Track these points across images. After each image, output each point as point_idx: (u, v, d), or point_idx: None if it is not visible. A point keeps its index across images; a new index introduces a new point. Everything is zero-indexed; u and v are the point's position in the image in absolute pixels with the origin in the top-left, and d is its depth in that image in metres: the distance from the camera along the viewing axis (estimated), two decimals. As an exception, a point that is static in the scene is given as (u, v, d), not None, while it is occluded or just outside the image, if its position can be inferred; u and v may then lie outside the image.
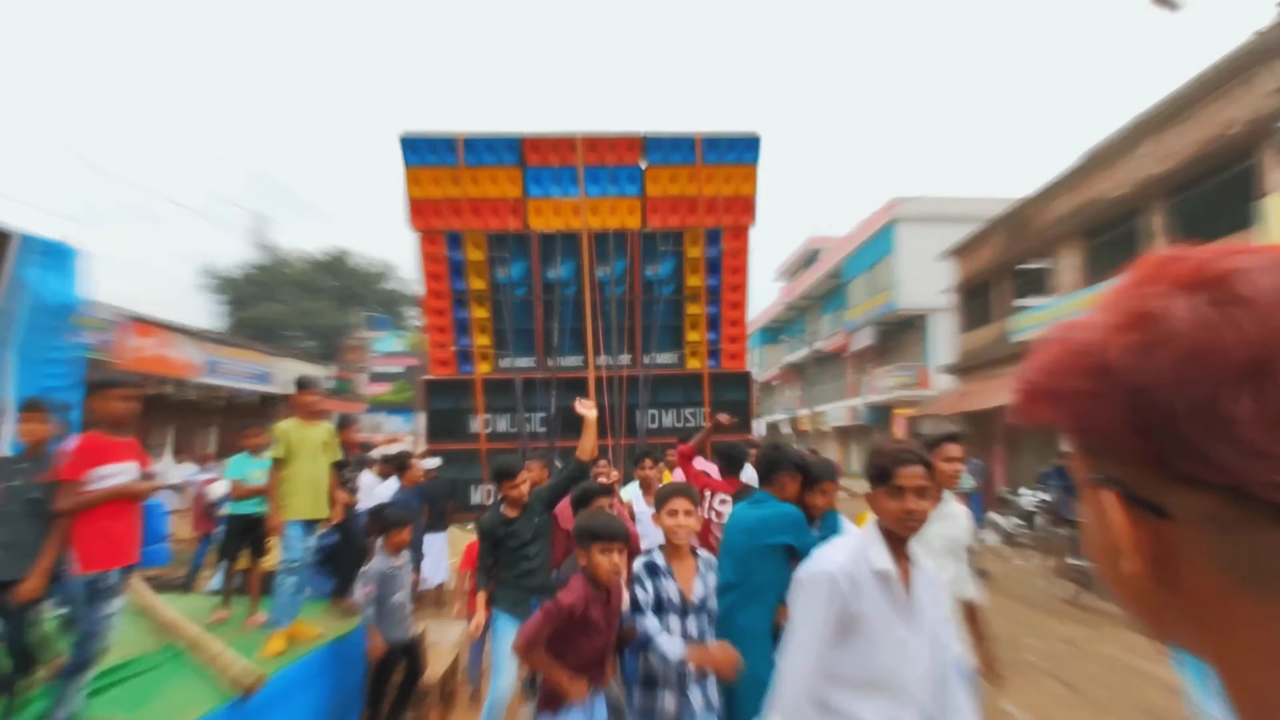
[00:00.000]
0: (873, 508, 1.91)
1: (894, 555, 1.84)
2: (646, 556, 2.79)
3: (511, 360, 8.44)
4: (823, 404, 31.89)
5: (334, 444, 4.67)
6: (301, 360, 21.37)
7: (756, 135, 8.47)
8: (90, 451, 3.26)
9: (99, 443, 3.29)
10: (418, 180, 8.13)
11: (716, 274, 8.62)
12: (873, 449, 1.95)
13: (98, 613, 3.17)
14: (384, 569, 4.24)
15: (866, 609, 1.78)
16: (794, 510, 2.80)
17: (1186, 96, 11.54)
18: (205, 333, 16.37)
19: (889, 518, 1.83)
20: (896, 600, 1.82)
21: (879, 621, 1.78)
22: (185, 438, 15.13)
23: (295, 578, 4.22)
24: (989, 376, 17.33)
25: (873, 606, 1.79)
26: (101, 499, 3.24)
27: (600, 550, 2.65)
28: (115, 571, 3.25)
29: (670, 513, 2.77)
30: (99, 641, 3.17)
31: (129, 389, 3.42)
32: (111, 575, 3.22)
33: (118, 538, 3.30)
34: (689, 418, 8.58)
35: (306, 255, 43.54)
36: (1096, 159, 13.98)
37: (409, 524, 4.32)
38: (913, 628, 1.82)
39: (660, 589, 2.70)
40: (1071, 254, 15.09)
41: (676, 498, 2.76)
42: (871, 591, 1.80)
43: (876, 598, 1.80)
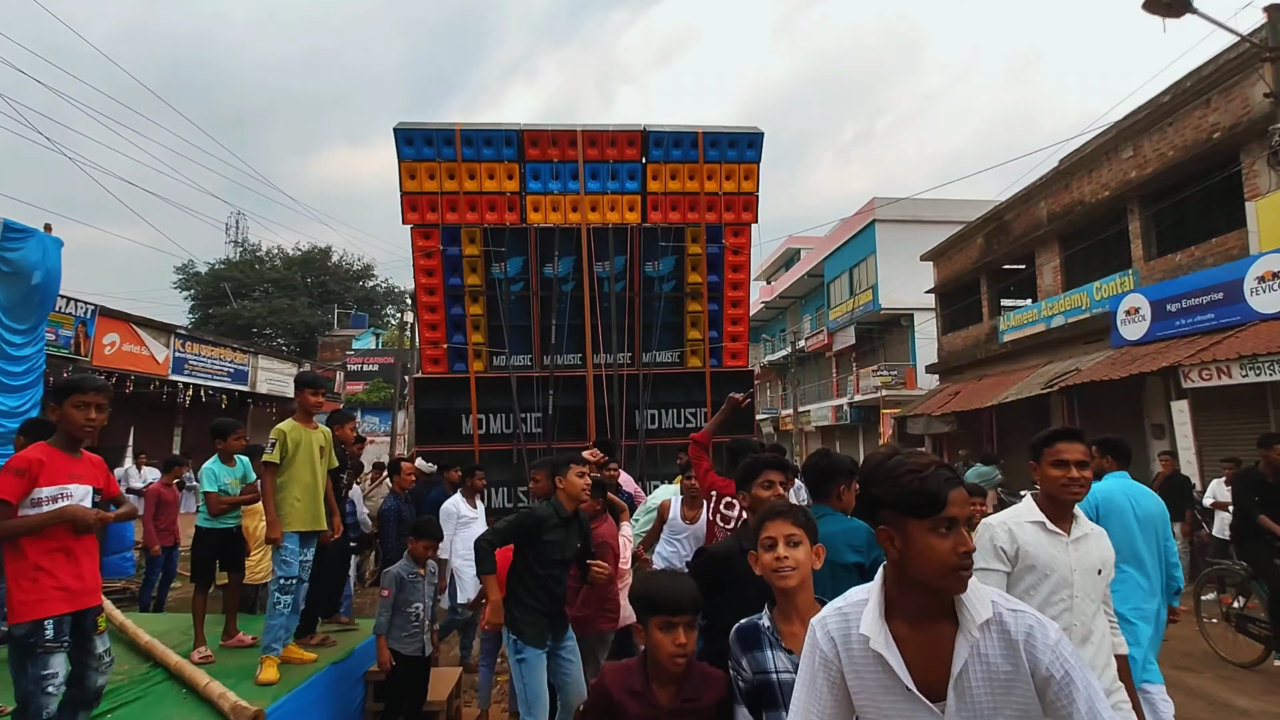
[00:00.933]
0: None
1: None
2: (747, 620, 2.00)
3: (507, 358, 8.15)
4: (806, 404, 31.94)
5: (330, 449, 4.34)
6: (275, 358, 20.75)
7: (759, 132, 8.30)
8: (31, 466, 2.67)
9: (45, 457, 2.73)
10: (413, 173, 7.82)
11: (718, 271, 8.43)
12: None
13: (29, 673, 2.57)
14: (404, 573, 4.00)
15: None
16: (862, 524, 2.55)
17: (1168, 103, 11.65)
18: (172, 327, 15.73)
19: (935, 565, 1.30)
20: None
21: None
22: (148, 439, 14.52)
23: (291, 596, 3.89)
24: (977, 376, 17.40)
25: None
26: (29, 528, 2.62)
27: (661, 626, 1.94)
28: (52, 621, 2.62)
29: (768, 544, 1.96)
30: (38, 711, 2.59)
31: (92, 394, 2.81)
32: (46, 626, 2.60)
33: (61, 578, 2.67)
34: (690, 418, 8.37)
35: (284, 253, 42.64)
36: (1077, 164, 14.08)
37: (438, 539, 4.16)
38: None
39: (765, 665, 1.89)
40: (1051, 257, 15.20)
41: (777, 521, 1.99)
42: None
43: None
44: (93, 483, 2.89)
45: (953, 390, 17.76)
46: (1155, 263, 12.15)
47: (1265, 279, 9.42)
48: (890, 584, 1.38)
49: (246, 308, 37.90)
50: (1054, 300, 14.72)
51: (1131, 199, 12.47)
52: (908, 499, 1.30)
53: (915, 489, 1.30)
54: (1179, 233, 11.90)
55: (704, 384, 8.37)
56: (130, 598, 7.86)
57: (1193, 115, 11.16)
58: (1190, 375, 9.71)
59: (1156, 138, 11.90)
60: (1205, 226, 11.24)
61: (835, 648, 1.38)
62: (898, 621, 1.34)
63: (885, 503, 1.35)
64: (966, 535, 1.28)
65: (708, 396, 8.34)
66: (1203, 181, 11.03)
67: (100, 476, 2.96)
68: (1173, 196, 11.78)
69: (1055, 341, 14.49)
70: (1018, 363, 15.78)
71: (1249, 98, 10.16)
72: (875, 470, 1.39)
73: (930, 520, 1.28)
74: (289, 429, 4.07)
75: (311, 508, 4.08)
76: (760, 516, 2.07)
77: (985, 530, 2.38)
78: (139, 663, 4.08)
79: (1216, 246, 10.77)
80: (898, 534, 1.33)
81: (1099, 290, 13.27)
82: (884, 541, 1.35)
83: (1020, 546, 2.33)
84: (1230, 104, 10.52)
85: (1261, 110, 9.82)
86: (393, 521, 5.63)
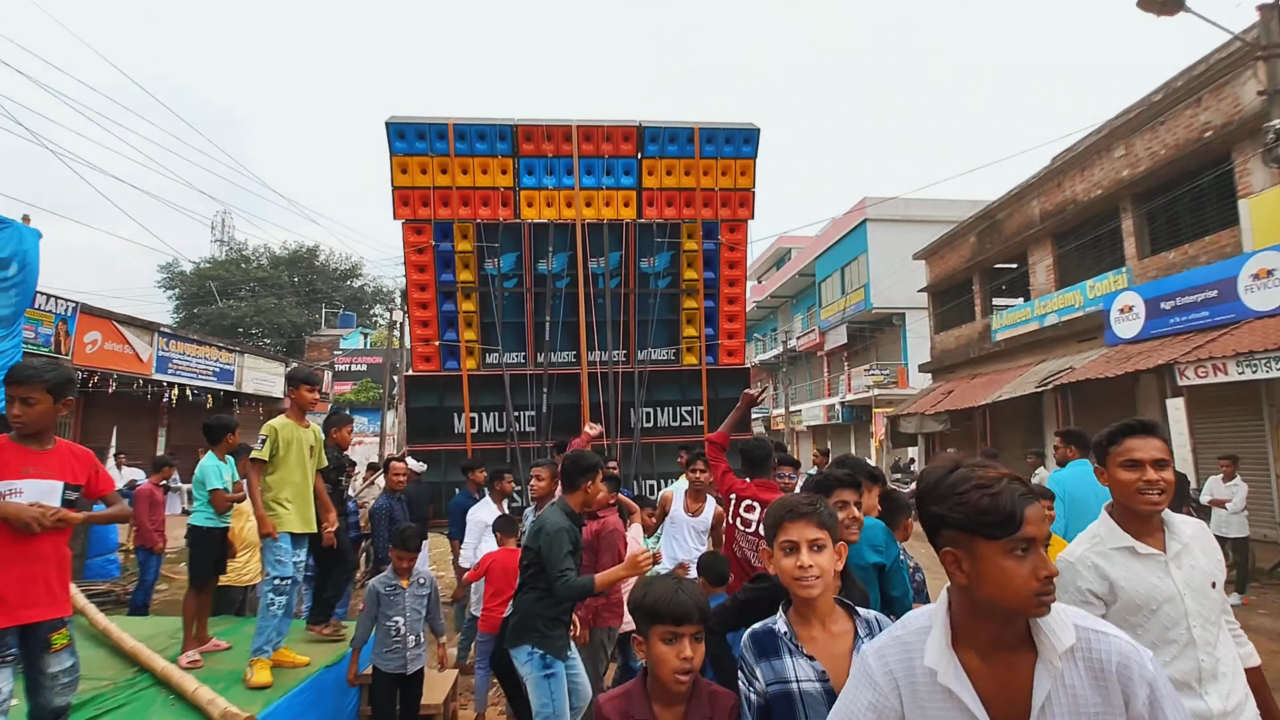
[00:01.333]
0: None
1: None
2: (761, 625, 1.81)
3: (500, 356, 8.02)
4: (797, 403, 31.94)
5: (320, 449, 4.21)
6: (262, 357, 20.49)
7: (756, 128, 8.23)
8: None
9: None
10: (404, 168, 7.69)
11: (714, 268, 8.34)
12: None
13: None
14: (380, 587, 3.78)
15: None
16: (878, 522, 2.46)
17: (1160, 102, 11.68)
18: (155, 325, 15.44)
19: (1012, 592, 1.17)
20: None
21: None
22: (131, 439, 14.26)
23: (285, 598, 3.75)
24: (969, 375, 17.41)
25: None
26: None
27: (663, 638, 1.75)
28: None
29: (788, 548, 1.77)
30: None
31: (16, 387, 2.53)
32: None
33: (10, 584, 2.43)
34: (685, 416, 8.29)
35: (270, 252, 42.24)
36: (1069, 162, 14.12)
37: (415, 551, 3.86)
38: None
39: (785, 673, 1.70)
40: (1044, 255, 15.23)
41: (800, 523, 1.78)
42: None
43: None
44: (65, 478, 2.59)
45: (946, 389, 17.77)
46: (1148, 260, 12.18)
47: (1260, 276, 9.44)
48: (957, 610, 1.23)
49: (233, 307, 37.49)
50: (1047, 299, 14.75)
51: (1124, 197, 12.50)
52: (977, 519, 1.15)
53: (986, 507, 1.14)
54: (1172, 231, 11.94)
55: (700, 382, 8.29)
56: (116, 600, 7.68)
57: (1184, 114, 11.19)
58: (1186, 373, 9.72)
59: (1148, 136, 11.93)
60: (1198, 224, 11.28)
61: (895, 684, 1.23)
62: (967, 651, 1.20)
63: (950, 523, 1.19)
64: (1046, 557, 1.15)
65: (704, 394, 8.26)
66: (1195, 180, 11.07)
67: (79, 471, 2.67)
68: (1165, 194, 11.82)
69: (1048, 340, 14.51)
70: (1011, 361, 15.81)
71: (1240, 97, 10.19)
72: (936, 486, 1.22)
73: (1005, 542, 1.14)
74: (280, 426, 3.93)
75: (302, 510, 3.95)
76: (779, 515, 1.82)
77: (1066, 571, 1.94)
78: (124, 668, 3.93)
79: (1210, 244, 10.80)
80: (966, 556, 1.18)
81: (1092, 288, 13.30)
82: (949, 565, 1.21)
83: (1113, 582, 1.87)
84: (1221, 103, 10.55)
85: (1253, 109, 9.84)
86: (384, 521, 5.51)
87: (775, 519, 1.83)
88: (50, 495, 2.53)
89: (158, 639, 4.35)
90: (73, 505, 2.61)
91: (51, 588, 2.55)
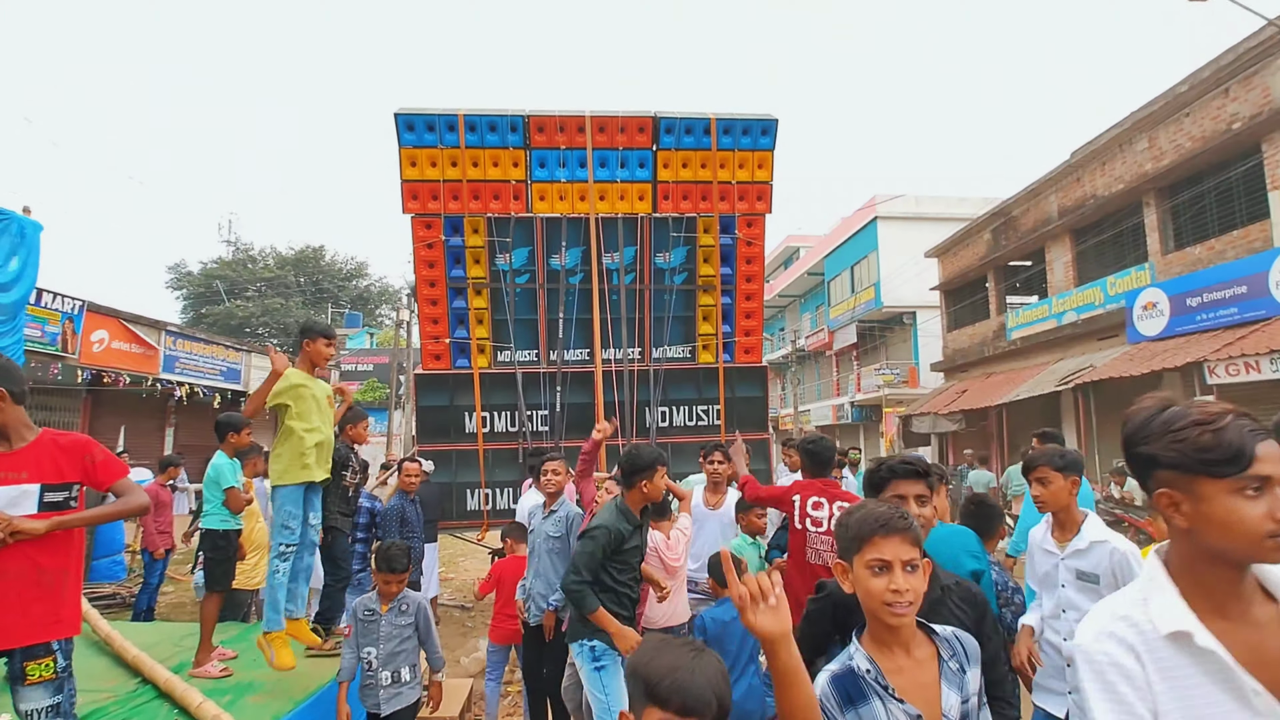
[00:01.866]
0: None
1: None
2: (839, 665, 1.54)
3: (512, 354, 7.82)
4: (806, 403, 31.67)
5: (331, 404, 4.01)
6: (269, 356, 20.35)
7: (774, 118, 8.00)
8: None
9: None
10: (414, 160, 7.50)
11: (731, 263, 8.13)
12: None
13: None
14: (360, 609, 3.30)
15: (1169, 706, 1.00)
16: (966, 530, 2.23)
17: (1185, 93, 11.40)
18: (163, 324, 15.31)
19: (1241, 535, 1.00)
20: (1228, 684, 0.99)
21: None
22: (138, 439, 14.13)
23: (289, 563, 3.59)
24: (984, 374, 17.14)
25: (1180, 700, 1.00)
26: None
27: None
28: None
29: (878, 567, 1.49)
30: None
31: None
32: None
33: None
34: (701, 415, 8.08)
35: (276, 252, 42.25)
36: (1089, 157, 13.84)
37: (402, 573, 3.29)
38: None
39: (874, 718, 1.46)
40: (1063, 251, 14.96)
41: (893, 539, 1.50)
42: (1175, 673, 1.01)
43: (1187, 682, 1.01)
44: (42, 478, 2.29)
45: (960, 388, 17.50)
46: (1172, 256, 11.91)
47: (1291, 271, 9.18)
48: (1178, 566, 1.09)
49: (240, 307, 37.51)
50: (1065, 295, 14.48)
51: (1147, 191, 12.22)
52: (1199, 455, 1.03)
53: (1209, 443, 1.03)
54: (1197, 225, 11.66)
55: (717, 380, 8.08)
56: (122, 604, 7.52)
57: (1211, 105, 10.92)
58: (1216, 370, 9.46)
59: (1174, 129, 11.66)
60: (1225, 219, 11.00)
61: (1140, 662, 1.03)
62: (1203, 613, 1.04)
63: (1164, 462, 1.07)
64: None
65: (720, 393, 8.05)
66: (1223, 172, 10.79)
67: (67, 466, 2.35)
68: (1191, 188, 11.54)
69: (1066, 338, 14.24)
70: (1027, 360, 15.54)
71: (1270, 86, 9.92)
72: (1147, 424, 1.10)
73: (1233, 480, 1.01)
74: (296, 375, 3.69)
75: (321, 461, 3.76)
76: (866, 528, 1.54)
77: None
78: (126, 678, 3.74)
79: (1238, 239, 10.53)
80: (1186, 498, 1.05)
81: (1113, 285, 13.02)
82: (1165, 508, 1.08)
83: None
84: (1250, 93, 10.28)
85: (1285, 99, 9.59)
86: (395, 522, 5.30)
87: (860, 531, 1.54)
88: (21, 501, 2.23)
89: (162, 647, 4.16)
90: (61, 507, 2.31)
91: (26, 609, 2.23)
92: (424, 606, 3.36)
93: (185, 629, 4.65)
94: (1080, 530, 2.51)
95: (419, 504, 5.76)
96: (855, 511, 1.61)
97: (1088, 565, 2.44)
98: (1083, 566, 2.45)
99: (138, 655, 3.86)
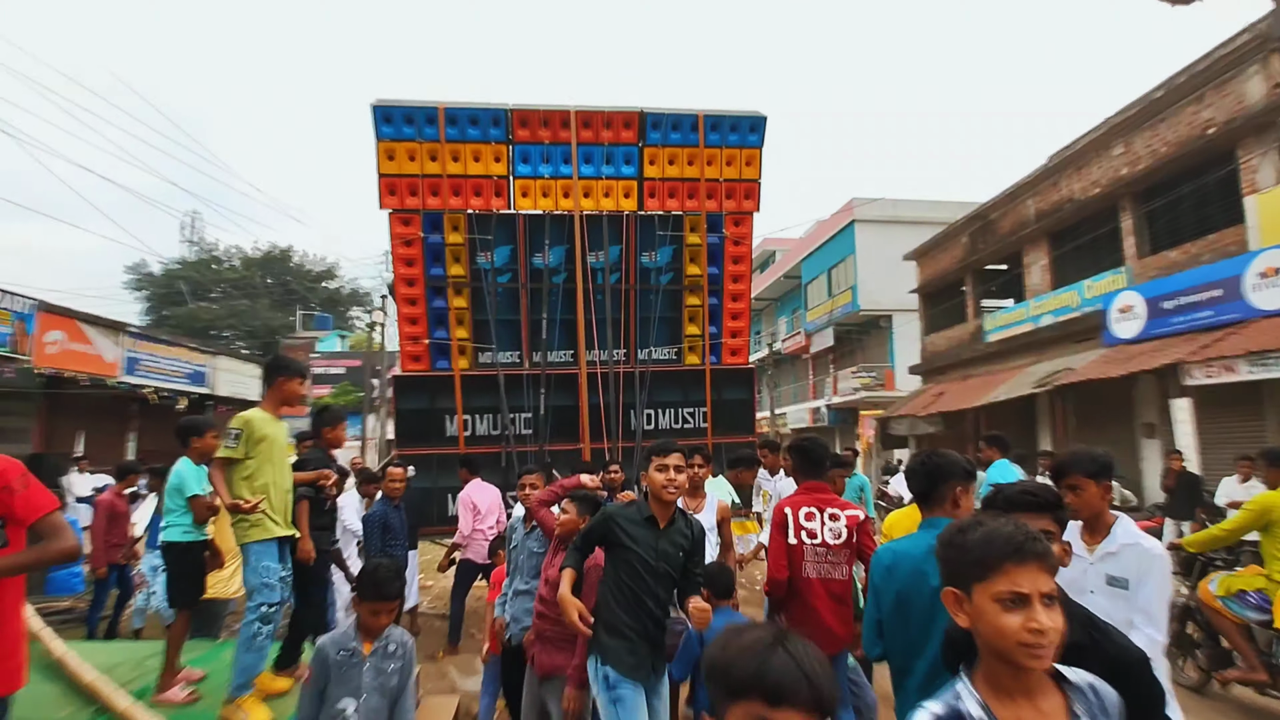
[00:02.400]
0: None
1: None
2: (942, 705, 1.28)
3: (494, 355, 7.59)
4: (782, 406, 31.73)
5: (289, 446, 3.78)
6: (237, 359, 19.75)
7: (762, 115, 7.89)
8: None
9: None
10: (391, 154, 7.23)
11: (718, 263, 8.00)
12: None
13: None
14: (333, 649, 2.52)
15: None
16: None
17: (1161, 99, 11.57)
18: (123, 325, 14.70)
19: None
20: None
21: None
22: (98, 445, 13.54)
23: (273, 626, 3.30)
24: (962, 377, 17.25)
25: None
26: None
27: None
28: None
29: (1012, 600, 1.23)
30: None
31: None
32: None
33: None
34: (688, 418, 7.93)
35: (242, 253, 41.32)
36: (1065, 161, 14.00)
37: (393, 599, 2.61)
38: None
39: None
40: (1040, 255, 15.11)
41: (1029, 568, 1.24)
42: None
43: None
44: None
45: (937, 391, 17.59)
46: (1148, 260, 12.06)
47: (1267, 275, 9.31)
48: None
49: (204, 309, 36.57)
50: (1042, 299, 14.62)
51: (1123, 196, 12.37)
52: None
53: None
54: (1173, 229, 11.83)
55: (703, 382, 7.93)
56: (79, 618, 7.10)
57: (1186, 111, 11.08)
58: (1192, 372, 9.56)
59: (1149, 134, 11.81)
60: (1200, 223, 11.16)
61: None
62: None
63: None
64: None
65: (708, 396, 7.91)
66: (1198, 177, 10.95)
67: None
68: (1167, 193, 11.70)
69: (1043, 341, 14.37)
70: (1004, 363, 15.66)
71: (1244, 92, 10.08)
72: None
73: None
74: (257, 418, 3.47)
75: (284, 513, 3.54)
76: (995, 551, 1.27)
77: None
78: (81, 706, 3.45)
79: (1213, 243, 10.68)
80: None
81: (1089, 288, 13.17)
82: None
83: None
84: (1225, 99, 10.44)
85: (1258, 104, 9.73)
86: (377, 529, 5.01)
87: (986, 555, 1.28)
88: None
89: (123, 669, 3.87)
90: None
91: None
92: (409, 649, 2.65)
93: (150, 648, 4.33)
94: (1111, 532, 2.37)
95: (403, 510, 5.46)
96: (972, 530, 1.34)
97: (1118, 569, 2.30)
98: (1114, 571, 2.31)
99: (95, 679, 3.56)
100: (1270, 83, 8.66)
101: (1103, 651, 1.45)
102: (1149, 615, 2.21)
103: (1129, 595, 2.27)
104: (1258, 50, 9.07)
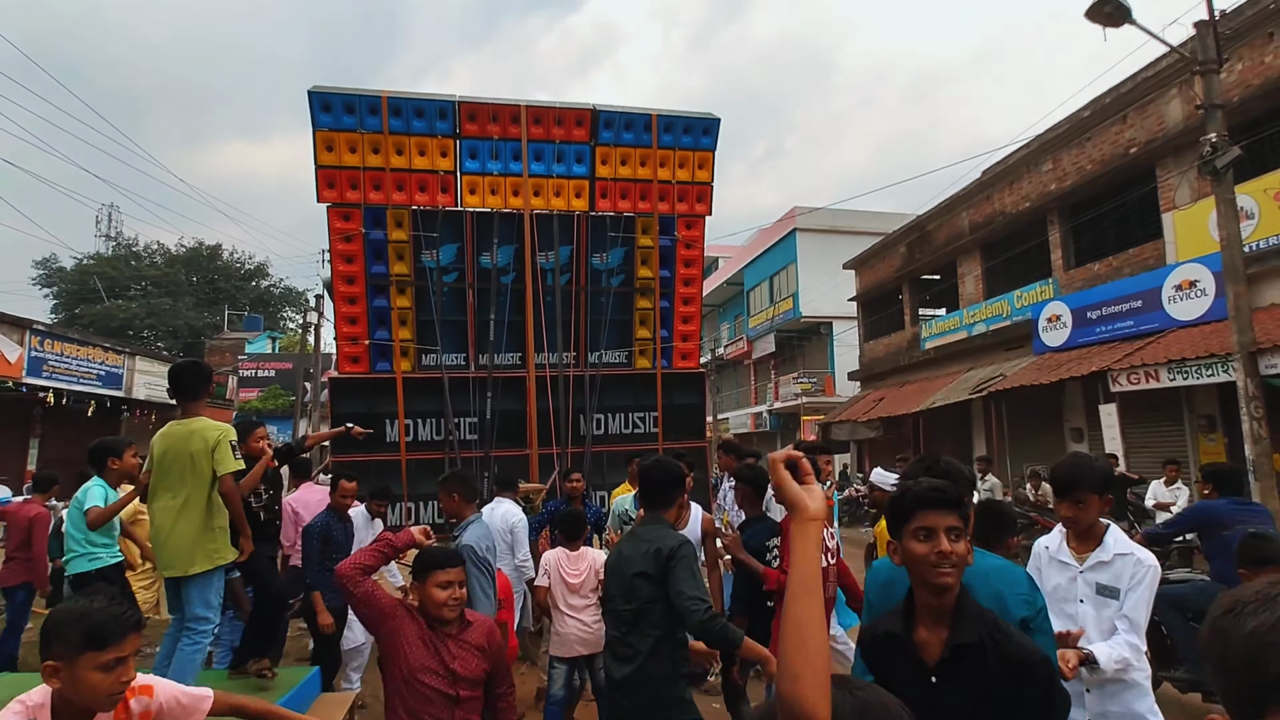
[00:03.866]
0: None
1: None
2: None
3: (438, 357, 7.30)
4: (724, 411, 32.01)
5: None
6: (158, 360, 18.61)
7: (716, 118, 7.87)
8: None
9: None
10: (330, 145, 6.88)
11: (669, 265, 7.92)
12: None
13: None
14: None
15: None
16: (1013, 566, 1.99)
17: (1088, 118, 12.15)
18: (28, 322, 13.64)
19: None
20: None
21: None
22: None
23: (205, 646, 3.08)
24: (899, 383, 17.71)
25: None
26: None
27: None
28: None
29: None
30: None
31: None
32: None
33: None
34: (638, 422, 7.81)
35: (165, 249, 39.15)
36: (998, 175, 14.57)
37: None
38: None
39: None
40: (973, 266, 15.66)
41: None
42: None
43: None
44: None
45: (876, 396, 18.02)
46: (1074, 272, 12.63)
47: (1183, 287, 9.85)
48: None
49: (121, 307, 34.46)
50: (975, 308, 15.14)
51: (1052, 210, 12.93)
52: None
53: None
54: (1097, 243, 12.42)
55: (654, 386, 7.83)
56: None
57: (1110, 130, 11.65)
58: (1119, 379, 10.01)
59: (1075, 151, 12.38)
60: (1122, 237, 11.74)
61: None
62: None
63: None
64: None
65: (658, 400, 7.81)
66: (1120, 194, 11.52)
67: None
68: (1091, 208, 12.28)
69: (977, 349, 14.88)
70: (940, 369, 16.15)
71: (1165, 114, 10.66)
72: None
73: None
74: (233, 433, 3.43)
75: None
76: (908, 503, 1.64)
77: None
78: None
79: (1134, 256, 11.25)
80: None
81: (1019, 298, 13.70)
82: None
83: None
84: (1146, 120, 11.02)
85: (1176, 126, 10.30)
86: (317, 540, 4.64)
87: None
88: None
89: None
90: None
91: None
92: None
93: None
94: (1103, 541, 2.35)
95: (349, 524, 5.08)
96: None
97: (1110, 579, 2.29)
98: (1105, 580, 2.30)
99: None
100: (1189, 105, 9.17)
101: (1003, 651, 1.53)
102: (1131, 622, 2.20)
103: (1119, 605, 2.26)
104: (1179, 74, 9.58)
